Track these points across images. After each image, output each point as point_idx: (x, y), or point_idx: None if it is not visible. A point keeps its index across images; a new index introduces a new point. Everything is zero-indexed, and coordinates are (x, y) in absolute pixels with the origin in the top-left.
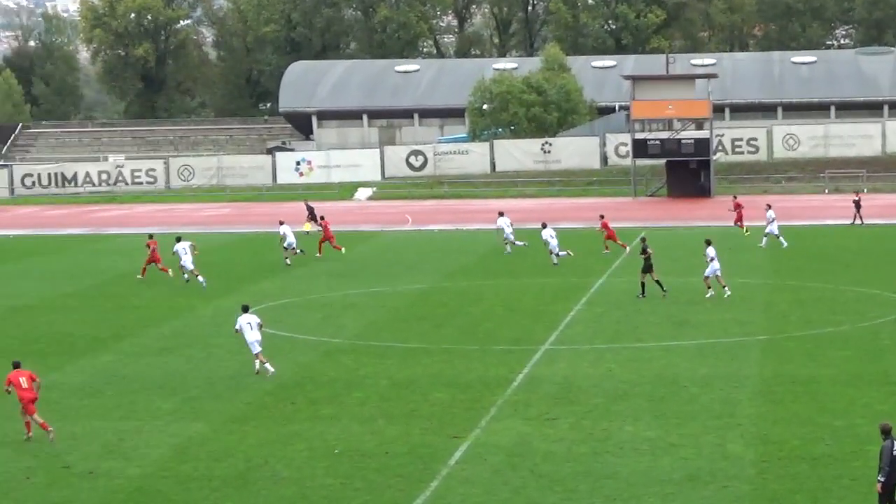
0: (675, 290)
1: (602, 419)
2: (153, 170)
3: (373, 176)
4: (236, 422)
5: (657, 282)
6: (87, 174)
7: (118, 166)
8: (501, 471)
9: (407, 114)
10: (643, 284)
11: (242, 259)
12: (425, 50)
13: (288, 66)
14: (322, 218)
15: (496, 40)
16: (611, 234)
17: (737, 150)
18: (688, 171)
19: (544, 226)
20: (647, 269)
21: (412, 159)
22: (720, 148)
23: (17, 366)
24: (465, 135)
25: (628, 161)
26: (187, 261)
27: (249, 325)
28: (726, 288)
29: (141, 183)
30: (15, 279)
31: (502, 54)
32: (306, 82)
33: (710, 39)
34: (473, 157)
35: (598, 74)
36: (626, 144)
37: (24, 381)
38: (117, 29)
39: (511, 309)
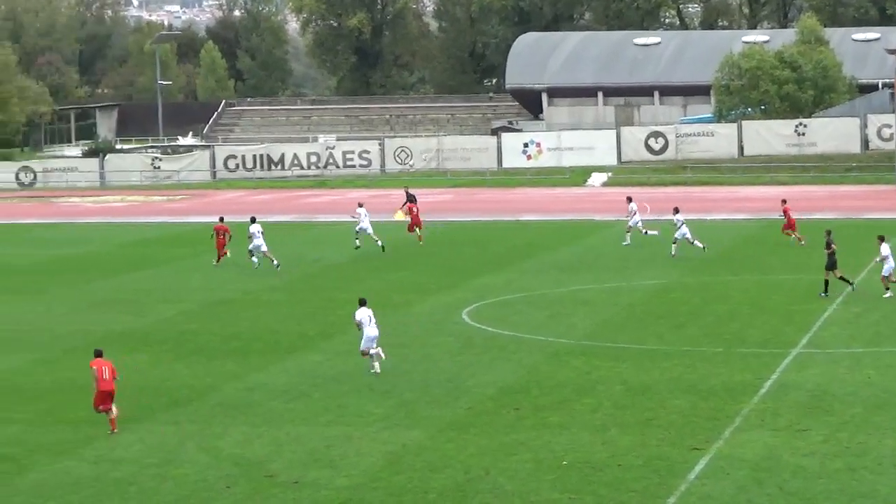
0: None
1: (859, 431)
2: (367, 152)
3: (608, 160)
4: (455, 429)
5: (842, 278)
6: (295, 156)
7: (329, 148)
8: (746, 487)
9: (646, 91)
10: (826, 282)
11: (464, 250)
12: (667, 21)
13: (516, 39)
14: (412, 200)
15: (746, 10)
16: (791, 222)
17: None
18: None
19: (676, 210)
20: (831, 265)
21: (651, 141)
22: None
23: (99, 354)
24: (710, 115)
25: (892, 145)
26: (260, 243)
27: (369, 318)
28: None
29: (353, 166)
30: (215, 270)
31: (752, 26)
32: (536, 56)
33: None
34: (719, 140)
35: (860, 48)
36: (889, 126)
37: (106, 372)
38: None
39: (759, 308)
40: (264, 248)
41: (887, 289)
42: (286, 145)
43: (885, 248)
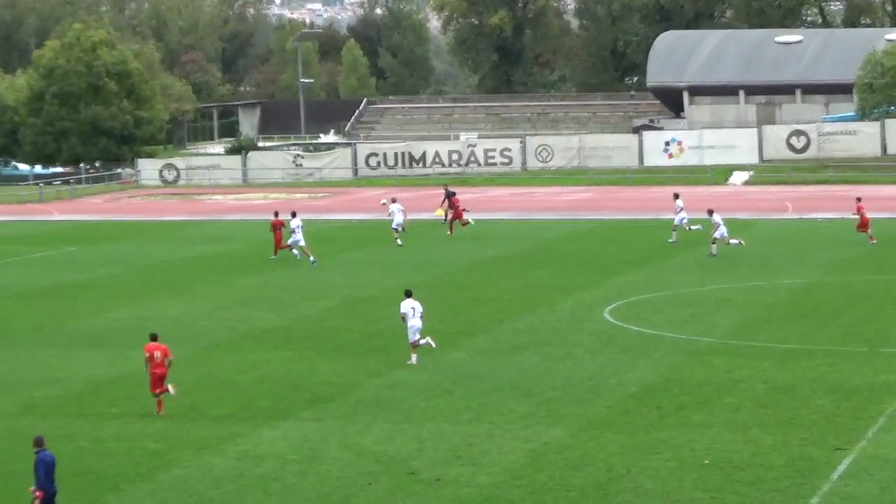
0: None
1: None
2: (508, 150)
3: (749, 158)
4: (597, 427)
5: None
6: (437, 154)
7: (470, 146)
8: (890, 488)
9: (788, 90)
10: None
11: (605, 249)
12: (809, 19)
13: (657, 37)
14: (454, 195)
15: (889, 8)
16: (864, 221)
17: None
18: None
19: (711, 212)
20: None
21: (793, 140)
22: None
23: (154, 338)
24: (852, 113)
25: None
26: (299, 238)
27: (413, 311)
28: None
29: (495, 164)
30: (357, 267)
31: None
32: (677, 54)
33: None
34: (862, 138)
35: None
36: None
37: (158, 356)
38: None
39: None
40: (302, 242)
41: None
42: (428, 143)
43: None
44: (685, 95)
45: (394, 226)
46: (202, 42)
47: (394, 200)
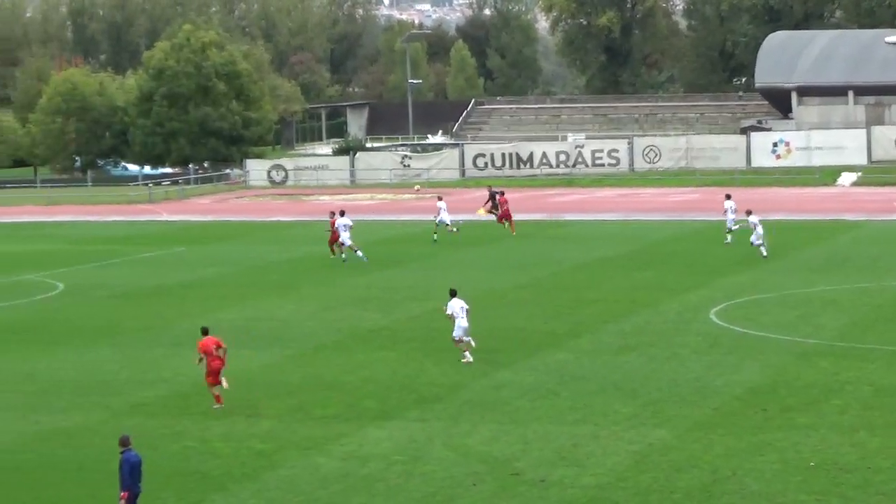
0: None
1: None
2: (616, 150)
3: (858, 159)
4: (702, 429)
5: None
6: (544, 154)
7: (578, 146)
8: None
9: None
10: None
11: (711, 250)
12: None
13: (766, 37)
14: (502, 194)
15: None
16: None
17: None
18: None
19: (749, 213)
20: None
21: None
22: None
23: (206, 332)
24: None
25: None
26: (346, 237)
27: (461, 309)
28: None
29: (602, 165)
30: (464, 268)
31: None
32: (785, 55)
33: None
34: None
35: None
36: None
37: (214, 349)
38: None
39: None
40: (349, 241)
41: None
42: (535, 144)
43: None
44: (793, 96)
45: (443, 222)
46: (311, 43)
47: (440, 199)
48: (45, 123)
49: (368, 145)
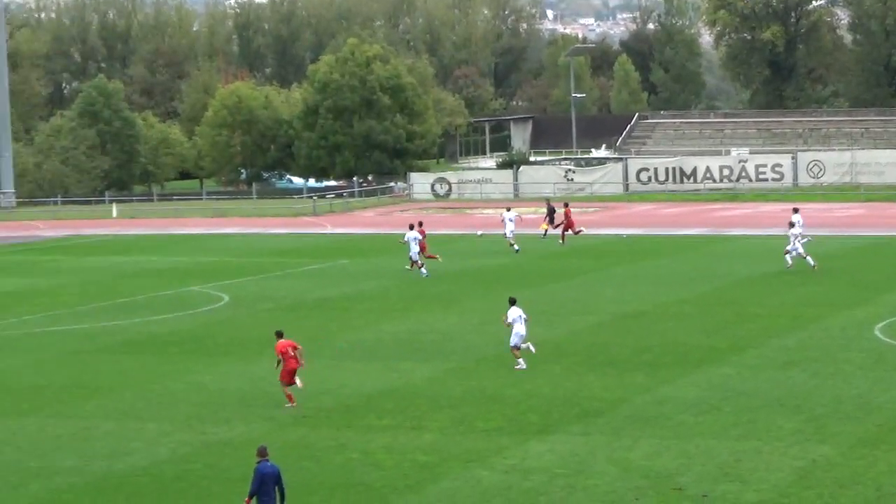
0: None
1: None
2: (779, 165)
3: None
4: (866, 445)
5: None
6: (708, 169)
7: (741, 161)
8: None
9: None
10: None
11: (877, 265)
12: None
13: None
14: (566, 205)
15: None
16: None
17: None
18: None
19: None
20: None
21: None
22: None
23: (280, 335)
24: None
25: None
26: (414, 251)
27: (521, 318)
28: None
29: (766, 179)
30: (627, 282)
31: None
32: None
33: None
34: None
35: None
36: None
37: (291, 351)
38: (743, 10)
39: None
40: (415, 256)
41: None
42: (698, 158)
43: None
44: None
45: (508, 235)
46: (475, 57)
47: (508, 209)
48: (212, 136)
49: (532, 159)
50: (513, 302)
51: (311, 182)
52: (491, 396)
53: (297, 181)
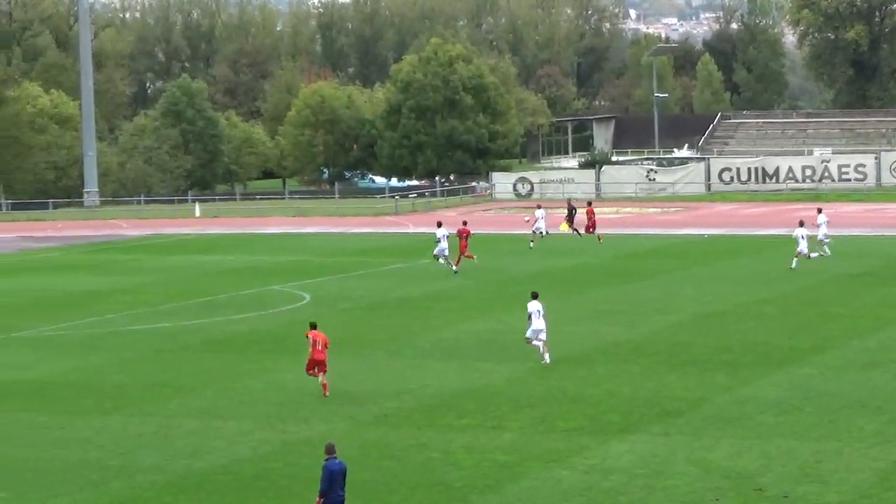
0: None
1: None
2: (862, 165)
3: None
4: None
5: None
6: (790, 169)
7: (824, 161)
8: None
9: None
10: None
11: None
12: None
13: None
14: (589, 204)
15: None
16: None
17: None
18: None
19: (801, 224)
20: None
21: None
22: None
23: (314, 326)
24: None
25: None
26: (443, 248)
27: (538, 312)
28: None
29: (849, 180)
30: (708, 282)
31: None
32: None
33: None
34: None
35: None
36: None
37: (319, 343)
38: (827, 10)
39: None
40: (447, 252)
41: None
42: (781, 158)
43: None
44: None
45: (539, 230)
46: (558, 56)
47: (539, 207)
48: (294, 136)
49: (614, 159)
50: (535, 296)
51: (393, 181)
52: (571, 396)
53: (380, 181)
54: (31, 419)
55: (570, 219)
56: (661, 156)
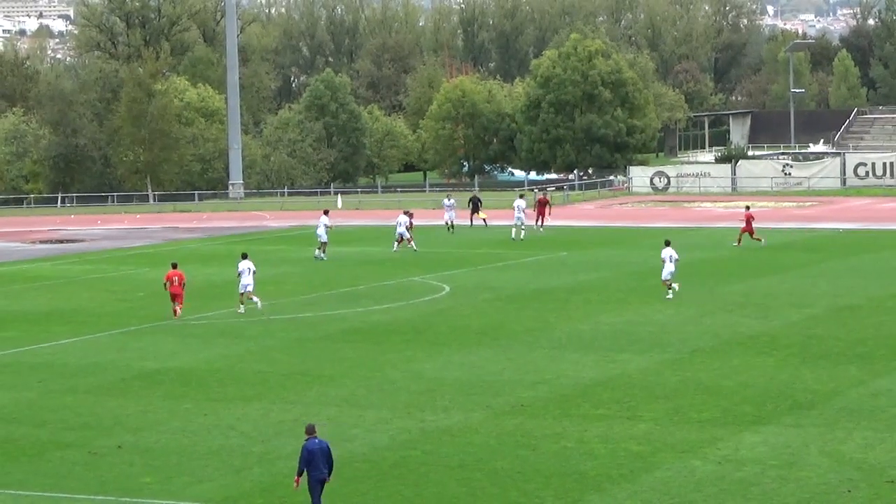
0: None
1: None
2: None
3: None
4: None
5: None
6: None
7: None
8: None
9: None
10: None
11: None
12: None
13: None
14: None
15: None
16: None
17: None
18: None
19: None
20: None
21: None
22: None
23: (174, 266)
24: None
25: None
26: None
27: (248, 270)
28: None
29: None
30: (842, 276)
31: None
32: None
33: None
34: None
35: None
36: None
37: (175, 280)
38: None
39: None
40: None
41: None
42: None
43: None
44: None
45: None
46: (695, 52)
47: (521, 196)
48: (435, 129)
49: (750, 153)
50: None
51: (532, 175)
52: (706, 388)
53: (519, 174)
54: (177, 406)
55: (476, 210)
56: (797, 151)
